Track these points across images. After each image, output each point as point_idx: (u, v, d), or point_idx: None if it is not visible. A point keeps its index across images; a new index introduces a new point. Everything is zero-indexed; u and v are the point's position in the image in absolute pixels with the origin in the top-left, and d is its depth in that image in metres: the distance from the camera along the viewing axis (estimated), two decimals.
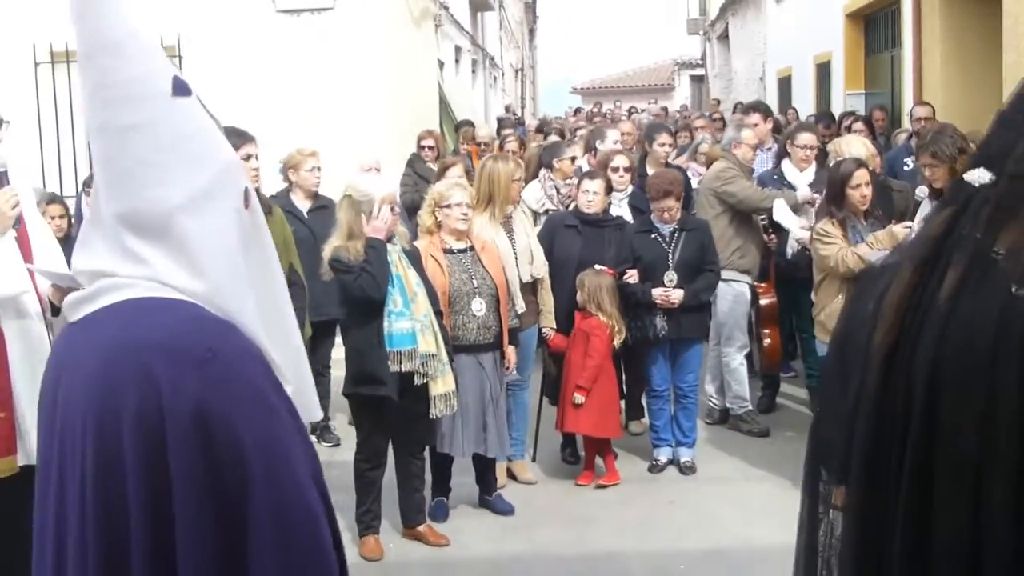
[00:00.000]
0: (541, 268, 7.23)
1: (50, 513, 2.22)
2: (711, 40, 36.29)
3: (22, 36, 11.95)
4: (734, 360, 8.34)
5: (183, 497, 2.07)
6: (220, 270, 2.25)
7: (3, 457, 4.48)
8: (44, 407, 2.29)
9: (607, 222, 7.66)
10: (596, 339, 7.09)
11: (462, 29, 21.38)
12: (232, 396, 2.13)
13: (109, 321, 2.18)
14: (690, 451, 7.60)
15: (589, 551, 6.27)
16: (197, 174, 2.25)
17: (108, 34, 2.20)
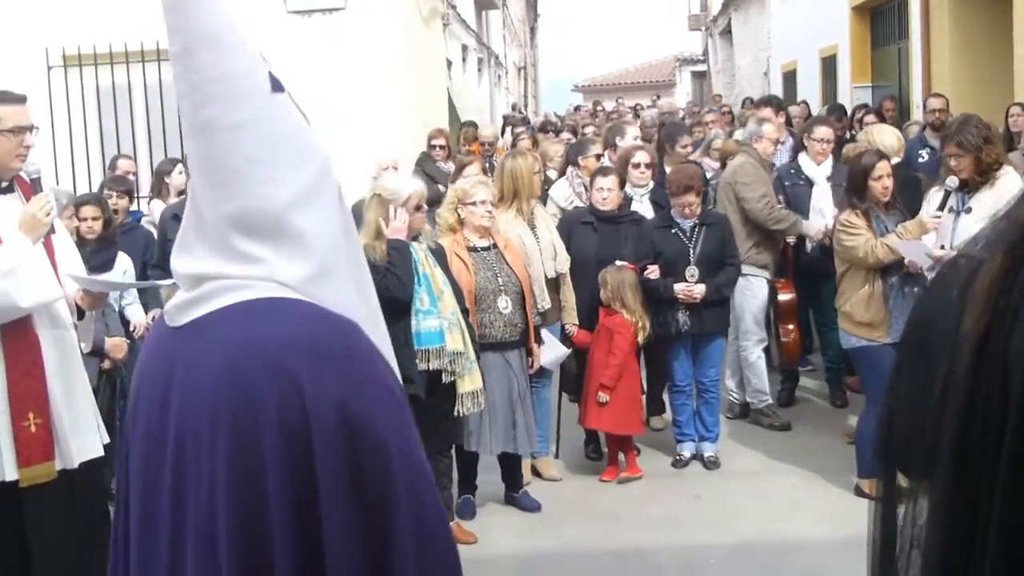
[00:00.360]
0: (564, 264, 7.24)
1: (161, 516, 2.18)
2: (713, 36, 36.25)
3: (35, 40, 11.98)
4: (752, 354, 8.34)
5: (331, 498, 2.05)
6: (332, 268, 2.22)
7: (41, 463, 4.46)
8: (146, 410, 2.24)
9: (623, 218, 7.66)
10: (620, 337, 7.09)
11: (468, 28, 21.39)
12: (370, 395, 2.14)
13: (229, 323, 2.14)
14: (713, 446, 7.61)
15: (617, 547, 6.27)
16: (302, 170, 2.20)
17: (209, 27, 2.11)
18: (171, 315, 2.23)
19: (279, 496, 2.06)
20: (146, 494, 2.23)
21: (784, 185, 8.67)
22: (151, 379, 2.25)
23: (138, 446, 2.27)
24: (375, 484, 2.08)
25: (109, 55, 12.07)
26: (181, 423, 2.14)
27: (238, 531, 2.08)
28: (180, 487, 2.15)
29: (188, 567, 2.13)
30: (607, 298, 7.18)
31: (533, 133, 14.68)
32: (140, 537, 2.25)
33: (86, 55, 12.15)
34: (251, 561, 2.07)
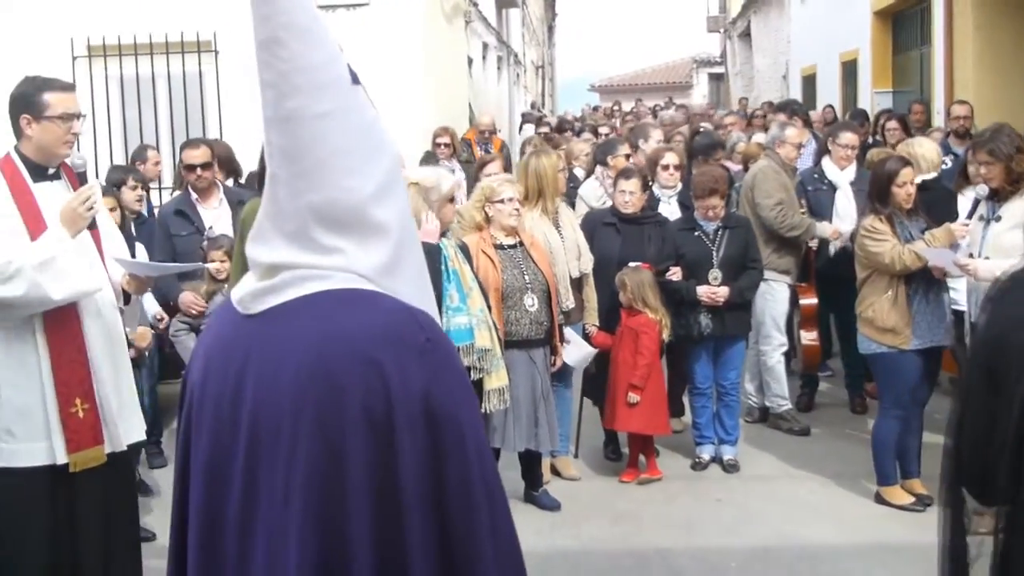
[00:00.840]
0: (588, 264, 7.24)
1: (231, 502, 2.19)
2: (732, 38, 36.22)
3: (60, 30, 12.00)
4: (772, 359, 8.33)
5: (412, 486, 2.09)
6: (402, 258, 2.26)
7: (92, 447, 4.52)
8: (215, 398, 2.23)
9: (646, 219, 7.66)
10: (646, 337, 7.09)
11: (489, 26, 21.39)
12: (450, 385, 2.18)
13: (310, 312, 2.16)
14: (733, 449, 7.60)
15: (637, 547, 6.27)
16: (379, 163, 2.23)
17: (299, 17, 2.12)
18: (245, 303, 2.24)
19: (360, 483, 2.09)
20: (213, 483, 2.24)
21: (807, 190, 8.67)
22: (220, 369, 2.24)
23: (206, 433, 2.26)
24: (455, 472, 2.13)
25: (133, 46, 12.08)
26: (257, 410, 2.16)
27: (315, 517, 2.10)
28: (252, 475, 2.17)
29: (257, 554, 2.16)
30: (628, 300, 7.17)
31: (550, 133, 14.65)
32: (204, 523, 2.26)
33: (111, 45, 12.16)
34: (329, 547, 2.10)
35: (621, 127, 14.98)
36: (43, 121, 4.50)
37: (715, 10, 40.79)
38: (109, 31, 12.06)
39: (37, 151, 4.56)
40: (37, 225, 4.45)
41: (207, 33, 12.04)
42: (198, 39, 12.07)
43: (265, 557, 2.14)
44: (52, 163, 4.65)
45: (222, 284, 6.89)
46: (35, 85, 4.60)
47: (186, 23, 11.93)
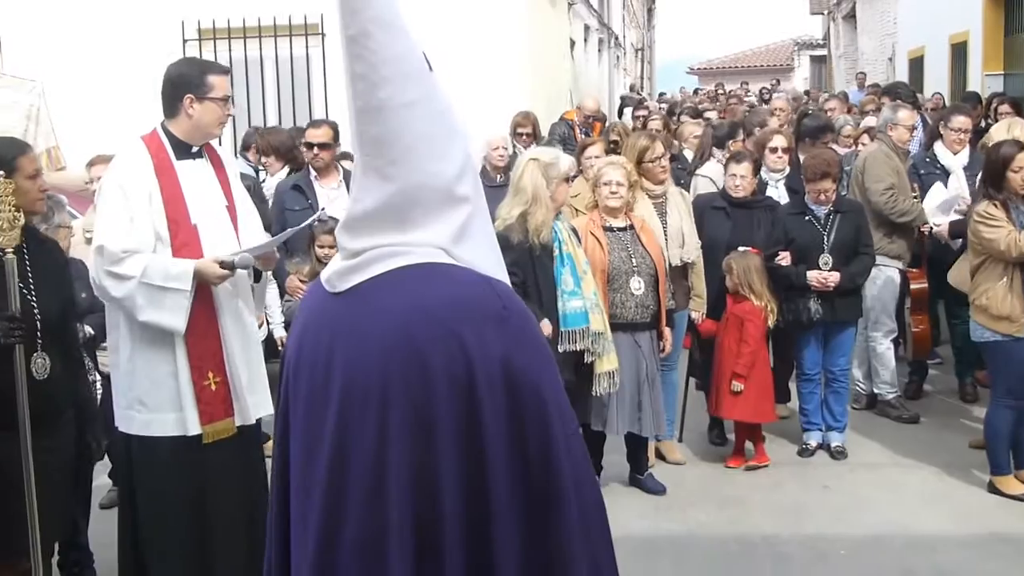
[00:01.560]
0: (693, 252, 7.16)
1: (319, 474, 2.28)
2: (836, 19, 35.67)
3: (171, 13, 12.23)
4: (881, 345, 8.21)
5: (497, 450, 2.18)
6: (484, 236, 2.38)
7: (222, 419, 4.66)
8: (309, 373, 2.33)
9: (757, 203, 7.59)
10: (751, 324, 7.04)
11: (591, 8, 21.33)
12: (529, 351, 2.26)
13: (393, 287, 2.25)
14: (840, 436, 7.52)
15: (744, 533, 6.24)
16: (458, 147, 2.33)
17: (384, 12, 2.21)
18: (332, 282, 2.34)
19: (448, 444, 2.19)
20: (306, 454, 2.34)
21: (919, 174, 8.52)
22: (312, 343, 2.35)
23: (300, 408, 2.37)
24: (536, 435, 2.21)
25: (243, 29, 12.28)
26: (346, 383, 2.25)
27: (408, 477, 2.19)
28: (343, 445, 2.25)
29: (349, 520, 2.24)
30: (733, 285, 7.12)
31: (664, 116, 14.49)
32: (300, 497, 2.36)
33: (220, 29, 12.37)
34: (422, 504, 2.19)
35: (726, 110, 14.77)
36: (205, 101, 4.64)
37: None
38: (219, 14, 12.27)
39: (192, 130, 4.69)
40: (176, 204, 4.57)
41: (315, 16, 12.18)
42: (306, 22, 12.23)
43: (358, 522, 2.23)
44: (201, 142, 4.79)
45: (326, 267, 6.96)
46: (199, 67, 4.77)
47: (294, 6, 12.09)
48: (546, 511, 2.22)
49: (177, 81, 4.66)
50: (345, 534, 2.24)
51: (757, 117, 9.71)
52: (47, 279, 4.37)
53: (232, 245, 4.68)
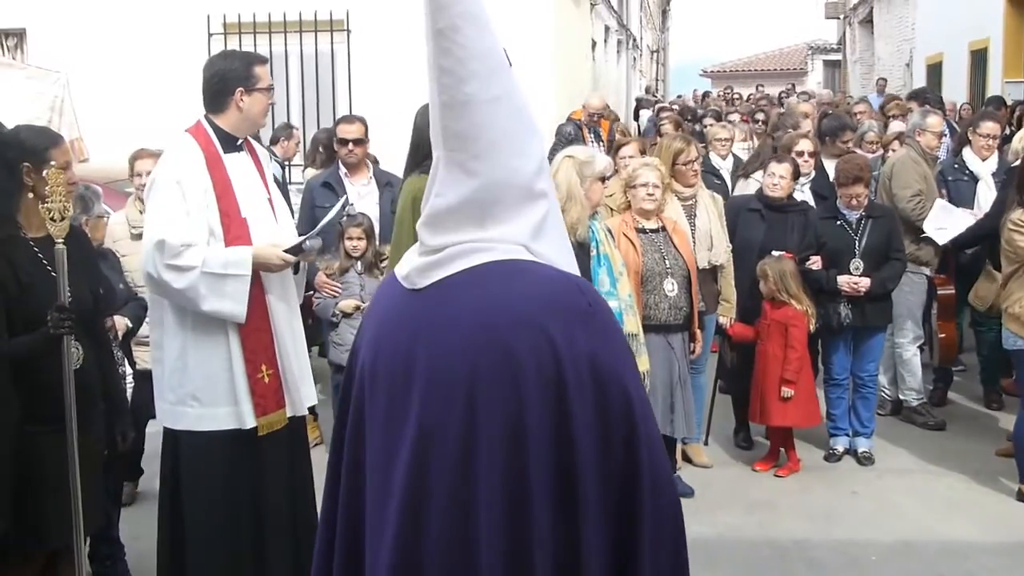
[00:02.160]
0: (722, 255, 7.14)
1: (399, 473, 2.27)
2: (852, 24, 35.61)
3: (197, 8, 12.25)
4: (908, 351, 8.19)
5: (585, 443, 2.18)
6: (559, 233, 2.38)
7: (275, 411, 4.67)
8: (388, 371, 2.32)
9: (791, 207, 7.56)
10: (796, 329, 7.01)
11: (611, 9, 21.32)
12: (613, 347, 2.27)
13: (477, 284, 2.24)
14: (868, 441, 7.50)
15: (774, 537, 6.23)
16: (536, 143, 2.34)
17: (472, 5, 2.20)
18: (411, 278, 2.33)
19: (538, 439, 2.18)
20: (386, 453, 2.33)
21: (947, 180, 8.49)
22: (391, 342, 2.33)
23: (379, 406, 2.35)
24: (621, 429, 2.21)
25: (268, 24, 12.29)
26: (430, 381, 2.24)
27: (497, 484, 2.18)
28: (426, 443, 2.24)
29: (433, 517, 2.23)
30: (770, 290, 7.09)
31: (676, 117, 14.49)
32: (379, 494, 2.33)
33: (245, 24, 12.39)
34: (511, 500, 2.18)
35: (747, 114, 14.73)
36: (255, 93, 4.67)
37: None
38: (244, 9, 12.28)
39: (240, 122, 4.71)
40: (227, 197, 4.58)
41: (340, 13, 12.21)
42: (331, 18, 12.25)
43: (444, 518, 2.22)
44: (248, 133, 4.83)
45: (356, 261, 6.99)
46: (243, 59, 4.77)
47: (320, 2, 12.10)
48: (627, 506, 2.22)
49: (227, 75, 4.65)
50: (428, 534, 2.23)
51: (791, 119, 9.67)
52: (79, 269, 4.34)
53: (273, 237, 4.70)
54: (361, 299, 6.87)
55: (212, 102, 4.70)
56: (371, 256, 6.99)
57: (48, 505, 4.26)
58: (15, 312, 4.13)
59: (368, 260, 6.99)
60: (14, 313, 4.12)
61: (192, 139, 4.64)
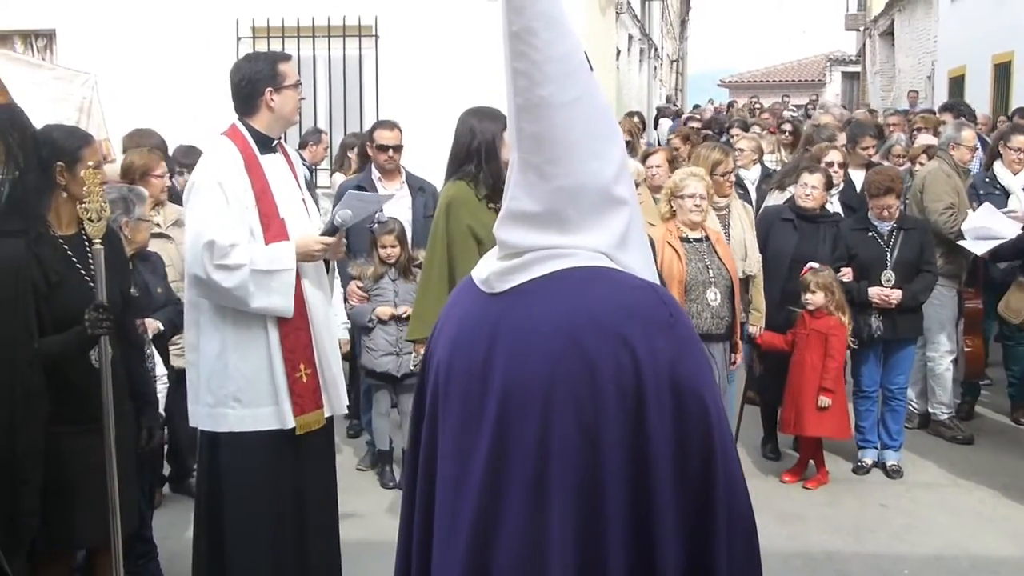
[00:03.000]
0: (754, 265, 7.13)
1: (473, 476, 2.26)
2: (872, 36, 35.53)
3: (226, 11, 12.29)
4: (939, 365, 8.16)
5: (661, 454, 2.16)
6: (641, 241, 2.36)
7: (313, 411, 4.70)
8: (464, 374, 2.31)
9: (824, 217, 7.55)
10: (836, 339, 6.98)
11: (635, 18, 21.34)
12: (693, 357, 2.24)
13: (555, 290, 2.23)
14: (896, 454, 7.49)
15: (805, 549, 6.21)
16: (616, 147, 2.31)
17: (550, 8, 2.19)
18: (490, 282, 2.32)
19: (614, 454, 2.16)
20: (459, 455, 2.31)
21: (979, 194, 8.46)
22: (467, 346, 2.32)
23: (455, 406, 2.34)
24: (699, 442, 2.19)
25: (296, 28, 12.32)
26: (507, 384, 2.23)
27: (573, 487, 2.17)
28: (502, 446, 2.23)
29: (507, 522, 2.22)
30: (822, 301, 7.02)
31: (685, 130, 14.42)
32: (451, 497, 2.33)
33: (274, 28, 12.42)
34: (585, 506, 2.17)
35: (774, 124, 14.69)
36: (283, 91, 4.72)
37: (854, 7, 40.09)
38: (273, 13, 12.32)
39: (273, 122, 4.77)
40: (266, 198, 4.63)
41: (368, 18, 12.23)
42: (359, 23, 12.26)
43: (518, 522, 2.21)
44: (281, 132, 4.89)
45: (390, 267, 7.00)
46: (267, 59, 4.81)
47: (348, 7, 12.13)
48: (703, 519, 2.21)
49: (254, 77, 4.70)
50: (502, 539, 2.23)
51: (826, 132, 9.64)
52: (110, 269, 4.32)
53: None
54: (395, 305, 6.88)
55: (243, 105, 4.76)
56: (404, 261, 7.00)
57: (76, 506, 4.27)
58: (44, 311, 4.13)
59: (402, 265, 7.00)
60: (43, 312, 4.12)
61: (229, 141, 4.68)
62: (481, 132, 5.54)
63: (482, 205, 5.58)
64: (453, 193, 5.57)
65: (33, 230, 4.15)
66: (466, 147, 5.59)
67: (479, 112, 5.66)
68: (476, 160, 5.51)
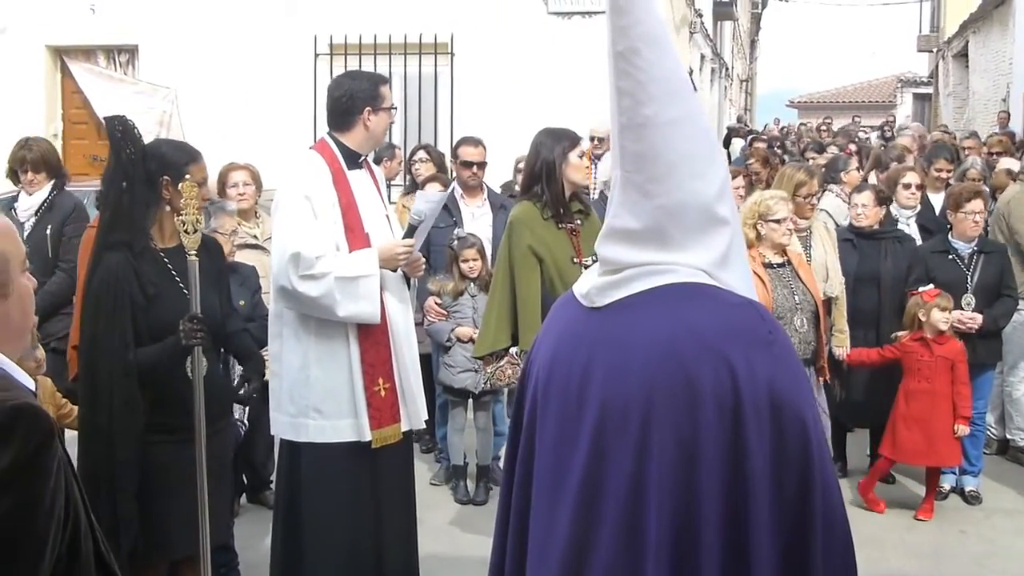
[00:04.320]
0: (837, 287, 7.05)
1: (569, 489, 2.28)
2: (946, 58, 35.11)
3: (305, 28, 12.46)
4: (1018, 391, 8.04)
5: (759, 472, 2.16)
6: (742, 260, 2.38)
7: (390, 425, 4.76)
8: (561, 388, 2.34)
9: (884, 234, 7.49)
10: (963, 364, 6.86)
11: (708, 38, 21.32)
12: (792, 375, 2.25)
13: (655, 306, 2.26)
14: (975, 480, 7.38)
15: (883, 574, 6.14)
16: (718, 167, 2.33)
17: (653, 28, 2.23)
18: (590, 297, 2.35)
19: (712, 470, 2.16)
20: (555, 468, 2.34)
21: None
22: (566, 360, 2.34)
23: (552, 419, 2.36)
24: (797, 458, 2.19)
25: (373, 45, 12.46)
26: (605, 398, 2.25)
27: (669, 502, 2.17)
28: (598, 460, 2.25)
29: (602, 538, 2.23)
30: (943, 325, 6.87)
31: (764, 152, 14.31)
32: (545, 511, 2.35)
33: (351, 45, 12.57)
34: (681, 524, 2.17)
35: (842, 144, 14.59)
36: (380, 112, 4.82)
37: (927, 29, 39.67)
38: (351, 31, 12.46)
39: (365, 140, 4.87)
40: (352, 213, 4.70)
41: (444, 35, 12.33)
42: (435, 41, 12.38)
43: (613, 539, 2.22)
44: (370, 151, 5.01)
45: (470, 283, 7.04)
46: (371, 79, 4.91)
47: (425, 25, 12.25)
48: (799, 539, 2.20)
49: (357, 95, 4.78)
50: (596, 555, 2.23)
51: (894, 152, 9.58)
52: (209, 280, 4.40)
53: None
54: (475, 323, 6.90)
55: (339, 120, 4.83)
56: (485, 276, 7.02)
57: (172, 515, 4.31)
58: (141, 323, 4.20)
59: (483, 280, 7.02)
60: (140, 323, 4.20)
61: (318, 155, 4.77)
62: (545, 152, 5.60)
63: (547, 225, 5.63)
64: (517, 213, 5.65)
65: (136, 243, 4.22)
66: (531, 167, 5.67)
67: (548, 132, 5.73)
68: (540, 180, 5.57)
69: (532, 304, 5.62)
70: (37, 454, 1.98)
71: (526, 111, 10.99)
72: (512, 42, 12.28)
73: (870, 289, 7.39)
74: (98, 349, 4.17)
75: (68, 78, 14.24)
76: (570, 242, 5.67)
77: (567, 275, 5.46)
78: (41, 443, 1.99)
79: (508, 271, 5.68)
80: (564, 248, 5.64)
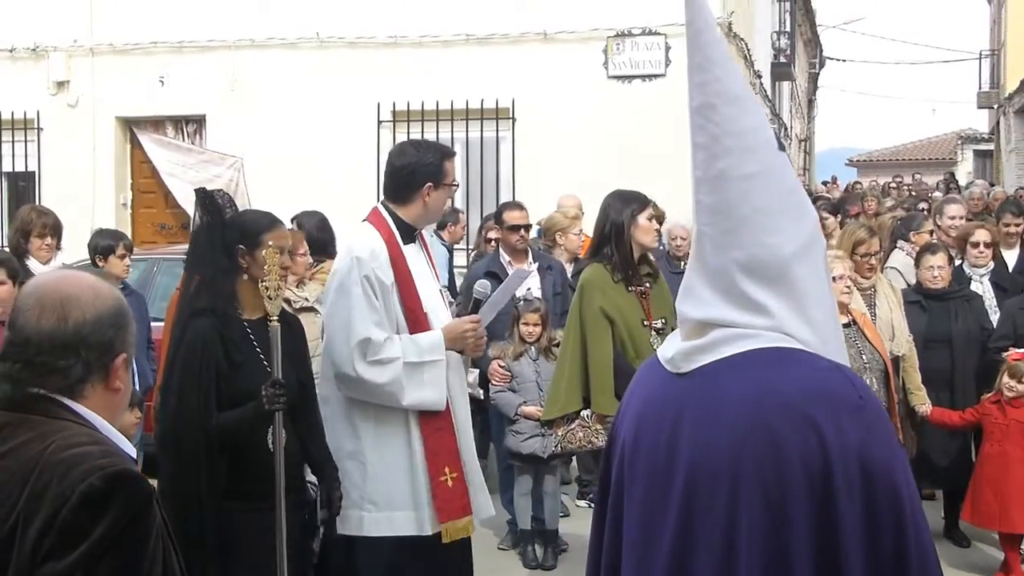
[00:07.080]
0: (904, 345, 6.96)
1: (660, 560, 2.26)
2: (1007, 113, 34.88)
3: (369, 95, 12.64)
4: None
5: (852, 542, 2.11)
6: (827, 319, 2.34)
7: (460, 516, 4.52)
8: (648, 457, 2.33)
9: (952, 294, 7.43)
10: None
11: (766, 98, 21.32)
12: (884, 441, 2.20)
13: (742, 371, 2.23)
14: None
15: None
16: (801, 225, 2.31)
17: (731, 86, 2.27)
18: (676, 362, 2.33)
19: (803, 540, 2.12)
20: (645, 539, 2.31)
21: None
22: (653, 425, 2.33)
23: (640, 488, 2.34)
24: (891, 526, 2.13)
25: (435, 112, 12.62)
26: (693, 466, 2.23)
27: (760, 563, 2.14)
28: (688, 529, 2.22)
29: None
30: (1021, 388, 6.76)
31: None
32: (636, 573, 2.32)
33: (414, 111, 12.74)
34: None
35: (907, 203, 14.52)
36: (442, 188, 4.65)
37: (986, 85, 39.46)
38: (413, 98, 12.63)
39: (422, 216, 4.69)
40: (410, 291, 4.54)
41: (506, 101, 12.45)
42: (497, 106, 12.51)
43: None
44: (425, 226, 4.84)
45: (530, 346, 7.04)
46: (437, 152, 4.70)
47: (486, 91, 12.38)
48: None
49: (420, 169, 4.57)
50: None
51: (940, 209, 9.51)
52: (287, 354, 4.28)
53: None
54: (539, 385, 6.89)
55: (398, 192, 4.64)
56: (545, 341, 7.03)
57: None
58: (223, 390, 4.18)
59: (543, 345, 7.03)
60: (222, 391, 4.17)
61: (374, 230, 4.57)
62: (614, 214, 5.60)
63: (618, 287, 5.63)
64: (587, 276, 5.65)
65: (220, 310, 4.23)
66: (600, 230, 5.67)
67: (617, 194, 5.73)
68: (609, 242, 5.57)
69: (605, 366, 5.59)
70: (136, 521, 2.01)
71: (587, 174, 11.05)
72: (572, 106, 12.38)
73: (941, 351, 7.31)
74: (183, 412, 4.13)
75: (137, 148, 14.55)
76: (640, 305, 5.67)
77: (637, 338, 5.46)
78: (140, 510, 2.02)
79: (579, 333, 5.68)
80: (634, 310, 5.64)
